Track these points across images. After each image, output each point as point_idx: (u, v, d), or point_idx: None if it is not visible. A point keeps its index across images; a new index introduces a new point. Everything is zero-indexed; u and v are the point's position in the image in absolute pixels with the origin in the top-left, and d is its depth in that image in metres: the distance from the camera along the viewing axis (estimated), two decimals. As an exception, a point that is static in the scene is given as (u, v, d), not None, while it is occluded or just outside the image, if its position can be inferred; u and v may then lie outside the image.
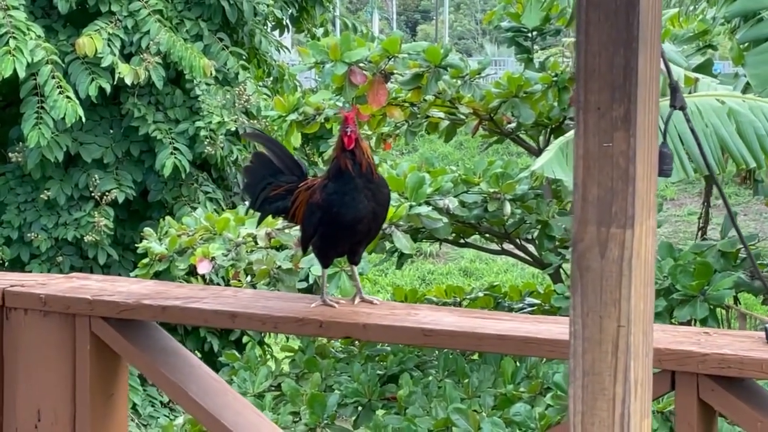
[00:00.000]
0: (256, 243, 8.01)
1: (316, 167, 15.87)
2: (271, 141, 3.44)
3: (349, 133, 3.21)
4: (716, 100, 6.02)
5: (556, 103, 8.73)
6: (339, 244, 3.28)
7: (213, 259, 7.96)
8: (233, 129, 12.83)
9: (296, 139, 10.75)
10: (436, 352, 7.56)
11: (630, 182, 1.98)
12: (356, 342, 7.52)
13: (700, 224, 10.11)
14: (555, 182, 9.25)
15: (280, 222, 8.05)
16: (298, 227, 3.43)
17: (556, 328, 2.76)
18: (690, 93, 6.69)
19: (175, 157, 12.74)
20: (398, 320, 2.89)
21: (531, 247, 8.96)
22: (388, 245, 7.80)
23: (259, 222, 3.63)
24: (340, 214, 3.17)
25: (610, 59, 1.96)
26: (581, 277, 2.01)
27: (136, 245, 10.15)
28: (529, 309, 8.88)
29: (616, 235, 1.99)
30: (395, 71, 8.38)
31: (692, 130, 4.03)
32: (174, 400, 3.22)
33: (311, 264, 7.59)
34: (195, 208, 12.26)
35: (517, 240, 8.89)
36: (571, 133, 5.94)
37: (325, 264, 3.34)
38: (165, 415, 12.61)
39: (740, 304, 9.12)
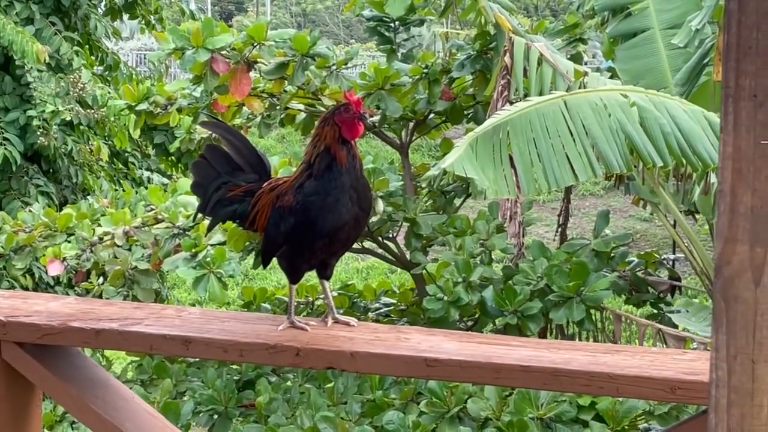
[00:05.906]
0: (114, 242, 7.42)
1: (149, 159, 15.23)
2: (231, 132, 2.86)
3: (361, 119, 2.74)
4: (620, 95, 5.70)
5: (425, 96, 8.40)
6: (314, 255, 2.76)
7: (65, 259, 7.36)
8: (67, 119, 12.15)
9: (135, 131, 10.24)
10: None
11: (796, 190, 1.55)
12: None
13: (560, 221, 9.90)
14: (416, 178, 8.94)
15: (139, 219, 7.50)
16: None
17: (582, 357, 2.32)
18: (581, 87, 6.40)
19: (5, 148, 12.01)
20: (391, 347, 2.40)
21: (392, 245, 8.63)
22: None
23: (210, 229, 3.06)
24: (318, 219, 2.67)
25: (772, 33, 1.53)
26: (727, 310, 1.56)
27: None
28: (386, 309, 8.64)
29: (776, 257, 1.56)
30: (259, 60, 7.94)
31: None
32: (107, 441, 2.65)
33: (175, 265, 7.08)
34: (26, 203, 11.63)
35: (379, 238, 8.56)
36: (479, 128, 5.56)
37: (295, 279, 2.84)
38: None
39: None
